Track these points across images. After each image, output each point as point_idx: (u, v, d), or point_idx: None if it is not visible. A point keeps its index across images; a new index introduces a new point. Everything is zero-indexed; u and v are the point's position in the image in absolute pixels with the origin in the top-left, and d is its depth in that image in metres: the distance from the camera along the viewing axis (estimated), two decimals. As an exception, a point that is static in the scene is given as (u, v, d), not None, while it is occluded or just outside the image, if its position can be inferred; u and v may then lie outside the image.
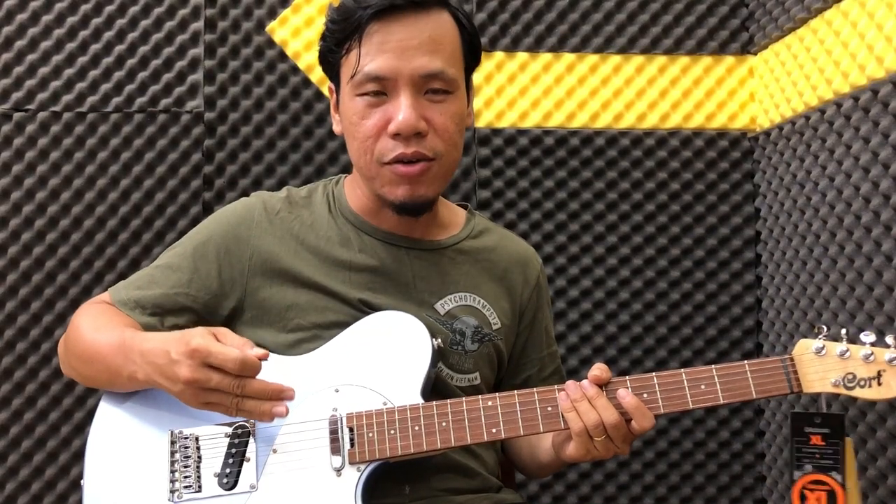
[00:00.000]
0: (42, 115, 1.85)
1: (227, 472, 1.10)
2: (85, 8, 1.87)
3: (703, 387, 1.07)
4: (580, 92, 1.92)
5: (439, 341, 1.17)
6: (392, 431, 1.09)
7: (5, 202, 1.83)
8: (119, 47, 1.87)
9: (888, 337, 1.03)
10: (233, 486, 1.10)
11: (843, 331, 1.06)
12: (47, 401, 1.81)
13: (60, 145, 1.85)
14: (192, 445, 1.12)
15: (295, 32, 1.89)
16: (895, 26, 1.43)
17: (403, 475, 1.15)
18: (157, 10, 1.87)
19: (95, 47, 1.86)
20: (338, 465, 1.09)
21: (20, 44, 1.86)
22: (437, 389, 1.18)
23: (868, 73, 1.50)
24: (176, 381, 1.03)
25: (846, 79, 1.56)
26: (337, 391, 1.13)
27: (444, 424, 1.09)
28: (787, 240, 1.78)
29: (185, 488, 1.10)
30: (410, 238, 1.25)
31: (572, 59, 1.93)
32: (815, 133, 1.67)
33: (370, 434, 1.10)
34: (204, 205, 1.85)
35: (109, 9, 1.87)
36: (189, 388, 1.03)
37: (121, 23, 1.87)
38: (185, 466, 1.11)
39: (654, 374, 1.09)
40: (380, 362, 1.15)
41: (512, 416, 1.09)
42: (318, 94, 1.88)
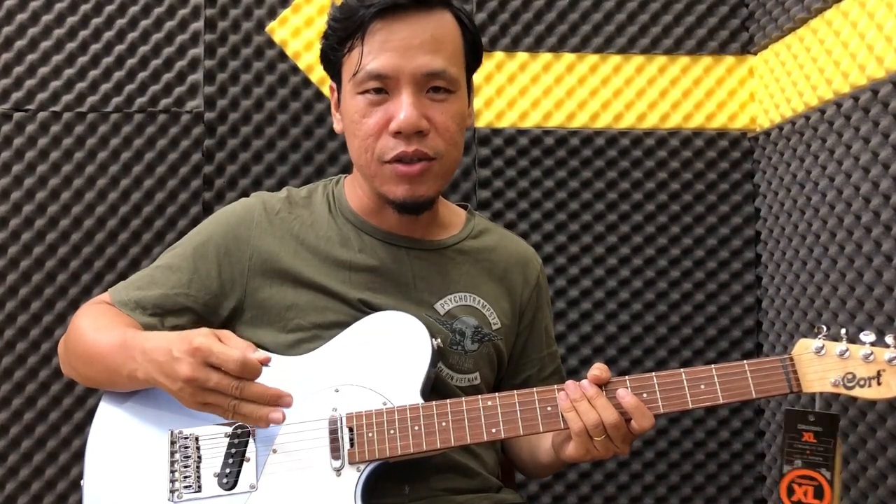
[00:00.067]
0: (42, 115, 1.85)
1: (226, 472, 1.11)
2: (85, 8, 1.86)
3: (702, 387, 1.07)
4: (580, 92, 1.92)
5: (439, 341, 1.17)
6: (392, 431, 1.09)
7: (5, 202, 1.83)
8: (119, 47, 1.86)
9: (888, 337, 1.03)
10: (233, 486, 1.10)
11: (843, 331, 1.06)
12: (47, 401, 1.81)
13: (60, 145, 1.85)
14: (191, 445, 1.12)
15: (295, 32, 1.89)
16: (895, 26, 1.43)
17: (403, 475, 1.15)
18: (157, 10, 1.87)
19: (95, 47, 1.86)
20: (337, 465, 1.09)
21: (20, 44, 1.85)
22: (436, 389, 1.18)
23: (868, 73, 1.50)
24: (176, 378, 1.03)
25: (846, 79, 1.56)
26: (337, 391, 1.13)
27: (444, 424, 1.09)
28: (787, 240, 1.78)
29: (185, 488, 1.11)
30: (410, 238, 1.25)
31: (572, 59, 1.93)
32: (815, 133, 1.67)
33: (370, 434, 1.10)
34: (204, 205, 1.85)
35: (109, 9, 1.87)
36: (188, 387, 1.02)
37: (121, 23, 1.87)
38: (185, 466, 1.11)
39: (653, 373, 1.09)
40: (380, 362, 1.15)
41: (512, 416, 1.09)
42: (318, 94, 1.88)
